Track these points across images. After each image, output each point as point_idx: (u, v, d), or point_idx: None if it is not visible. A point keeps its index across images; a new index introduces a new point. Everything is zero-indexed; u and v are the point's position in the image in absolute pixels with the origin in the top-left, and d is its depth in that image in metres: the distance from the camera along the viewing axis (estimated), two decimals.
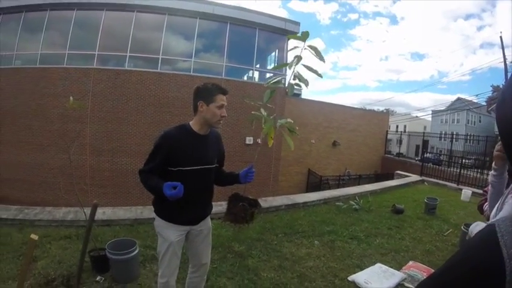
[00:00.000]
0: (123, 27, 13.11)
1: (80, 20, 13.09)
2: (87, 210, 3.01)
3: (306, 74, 1.84)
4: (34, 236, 2.57)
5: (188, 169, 2.15)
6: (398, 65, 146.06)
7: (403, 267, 3.79)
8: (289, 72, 1.89)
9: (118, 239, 3.38)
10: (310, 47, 1.74)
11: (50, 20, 13.12)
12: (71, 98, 3.63)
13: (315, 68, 1.82)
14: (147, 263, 3.49)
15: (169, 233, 2.23)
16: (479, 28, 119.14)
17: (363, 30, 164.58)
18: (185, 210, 2.21)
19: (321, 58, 1.74)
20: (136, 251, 3.05)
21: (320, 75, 1.85)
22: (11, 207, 4.90)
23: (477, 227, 1.59)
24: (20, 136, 12.56)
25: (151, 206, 2.34)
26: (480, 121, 37.66)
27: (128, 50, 12.88)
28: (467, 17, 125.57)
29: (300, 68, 1.83)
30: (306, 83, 1.85)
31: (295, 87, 1.90)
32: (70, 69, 12.51)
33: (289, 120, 2.07)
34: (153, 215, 2.32)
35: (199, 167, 2.19)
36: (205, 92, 2.16)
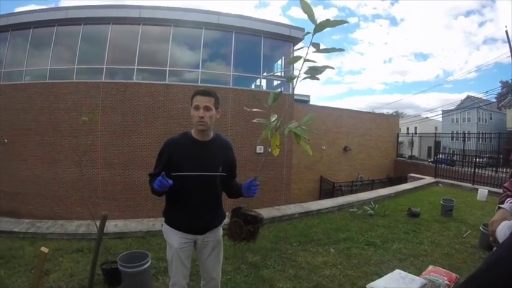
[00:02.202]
0: (130, 41, 13.26)
1: (88, 35, 13.30)
2: (99, 223, 2.97)
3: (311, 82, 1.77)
4: (44, 249, 2.54)
5: (187, 174, 2.14)
6: (403, 66, 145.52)
7: (423, 273, 3.64)
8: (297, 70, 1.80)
9: (130, 251, 3.34)
10: (314, 44, 1.66)
11: (58, 36, 13.35)
12: (84, 118, 3.69)
13: (324, 66, 1.75)
14: (159, 276, 3.42)
15: (173, 239, 2.24)
16: (481, 24, 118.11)
17: (363, 34, 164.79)
18: (187, 217, 2.21)
19: (330, 50, 1.69)
20: (148, 264, 3.01)
21: (341, 49, 1.75)
22: (23, 220, 4.91)
23: (505, 226, 1.50)
24: (31, 150, 12.74)
25: (163, 218, 2.33)
26: (491, 118, 37.17)
27: (136, 62, 13.01)
28: (468, 13, 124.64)
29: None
30: (320, 72, 1.77)
31: (301, 92, 1.80)
32: (79, 84, 12.68)
33: (297, 124, 1.87)
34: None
35: (198, 173, 2.15)
36: (191, 98, 2.18)
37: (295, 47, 12.66)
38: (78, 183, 9.00)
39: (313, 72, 1.76)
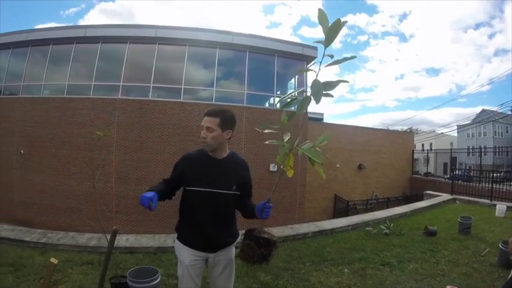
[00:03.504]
0: (146, 59, 13.59)
1: (105, 53, 13.74)
2: (110, 238, 2.98)
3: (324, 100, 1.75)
4: (54, 260, 2.55)
5: (198, 190, 2.16)
6: (415, 82, 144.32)
7: None
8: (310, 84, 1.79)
9: (140, 266, 3.32)
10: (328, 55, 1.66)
11: (77, 53, 13.84)
12: (98, 132, 3.77)
13: (338, 80, 1.74)
14: None
15: (184, 256, 2.22)
16: (491, 36, 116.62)
17: (374, 51, 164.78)
18: (198, 234, 2.20)
19: (342, 60, 1.70)
20: (158, 280, 2.97)
21: (353, 56, 1.77)
22: (35, 230, 4.97)
23: None
24: (47, 162, 13.04)
25: (175, 234, 2.33)
26: (507, 131, 36.64)
27: (152, 80, 13.29)
28: (477, 26, 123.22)
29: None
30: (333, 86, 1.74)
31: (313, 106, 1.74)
32: (96, 100, 13.02)
33: (311, 145, 1.86)
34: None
35: (209, 190, 2.15)
36: None
37: (308, 66, 12.76)
38: (91, 197, 9.10)
39: (328, 88, 1.74)
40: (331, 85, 1.74)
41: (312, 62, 14.50)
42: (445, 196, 10.64)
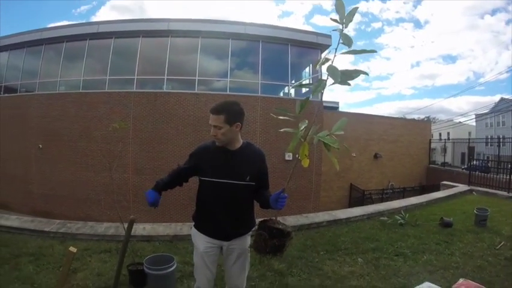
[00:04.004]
0: (159, 52, 13.71)
1: (119, 48, 13.95)
2: (127, 227, 3.05)
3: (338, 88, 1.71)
4: (73, 249, 2.62)
5: (211, 180, 2.21)
6: (431, 69, 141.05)
7: (453, 286, 3.49)
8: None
9: (156, 254, 3.39)
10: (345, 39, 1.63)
11: (90, 49, 14.11)
12: (114, 125, 3.84)
13: (356, 70, 1.68)
14: (184, 279, 3.44)
15: (199, 242, 2.29)
16: (508, 22, 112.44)
17: (388, 38, 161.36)
18: (212, 222, 2.26)
19: (360, 51, 1.68)
20: (174, 267, 3.04)
21: (373, 50, 1.75)
22: (54, 221, 5.08)
23: None
24: (65, 155, 13.40)
25: (191, 222, 2.40)
26: None
27: (165, 73, 13.41)
28: (494, 12, 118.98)
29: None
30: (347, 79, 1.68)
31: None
32: (111, 94, 13.25)
33: (327, 133, 1.82)
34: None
35: (222, 180, 2.18)
36: None
37: (323, 54, 12.60)
38: (109, 187, 9.31)
39: (344, 78, 1.66)
40: (349, 75, 1.67)
41: (327, 51, 14.34)
42: (462, 187, 10.42)
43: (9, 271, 3.47)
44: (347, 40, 1.62)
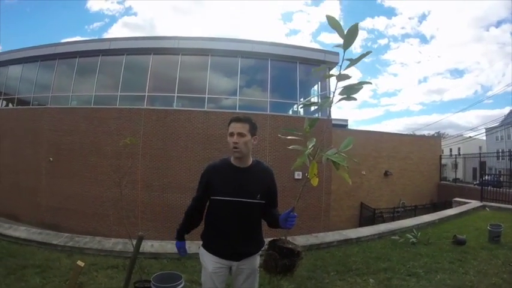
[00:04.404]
0: (170, 69, 13.96)
1: (130, 64, 14.23)
2: (135, 243, 3.04)
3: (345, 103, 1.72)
4: (80, 263, 2.62)
5: (222, 199, 2.18)
6: (439, 84, 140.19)
7: None
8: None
9: (164, 272, 3.34)
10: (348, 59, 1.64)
11: (102, 65, 14.41)
12: (125, 140, 3.89)
13: (359, 83, 1.71)
14: None
15: (208, 262, 2.24)
16: None
17: (395, 54, 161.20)
18: (222, 242, 2.22)
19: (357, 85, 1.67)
20: (181, 285, 2.98)
21: (369, 52, 1.74)
22: (62, 234, 5.11)
23: None
24: (75, 170, 13.51)
25: (199, 241, 2.35)
26: None
27: (176, 90, 13.59)
28: (499, 23, 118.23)
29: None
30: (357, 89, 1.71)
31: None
32: (122, 110, 13.46)
33: (335, 151, 1.81)
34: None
35: (233, 199, 2.16)
36: (228, 125, 2.22)
37: (331, 72, 12.64)
38: (118, 203, 9.36)
39: (349, 92, 1.70)
40: (353, 88, 1.71)
41: (335, 68, 14.41)
42: (475, 203, 10.28)
43: (15, 281, 3.48)
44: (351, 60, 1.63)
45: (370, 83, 1.81)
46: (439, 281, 4.16)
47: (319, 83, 15.53)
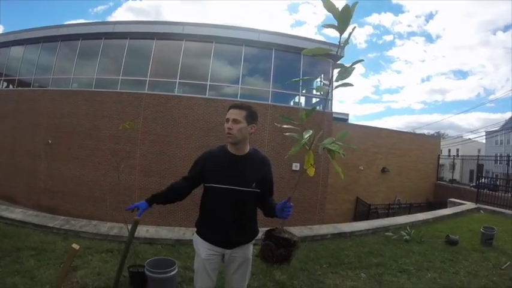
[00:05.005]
0: (172, 55, 13.86)
1: (133, 48, 14.13)
2: (131, 227, 3.05)
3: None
4: (75, 246, 2.62)
5: (216, 186, 2.19)
6: (442, 84, 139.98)
7: None
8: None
9: (158, 257, 3.37)
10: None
11: (105, 48, 14.33)
12: (125, 124, 3.88)
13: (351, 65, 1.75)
14: (184, 284, 3.41)
15: (201, 249, 2.24)
16: None
17: (399, 51, 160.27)
18: (215, 230, 2.22)
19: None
20: (175, 271, 3.02)
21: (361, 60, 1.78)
22: (58, 217, 5.13)
23: None
24: (73, 152, 13.55)
25: (194, 228, 2.36)
26: None
27: (178, 76, 13.52)
28: (506, 28, 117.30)
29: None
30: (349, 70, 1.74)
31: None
32: (123, 94, 13.40)
33: (332, 140, 1.80)
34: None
35: (227, 187, 2.16)
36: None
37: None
38: (115, 187, 9.36)
39: (343, 76, 1.75)
40: (347, 71, 1.75)
41: (339, 61, 14.29)
42: (469, 205, 10.32)
43: (10, 264, 3.49)
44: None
45: (362, 60, 1.88)
46: (429, 279, 4.19)
47: (322, 75, 15.46)
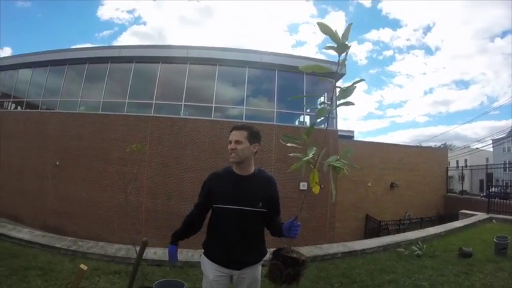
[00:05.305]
0: (178, 78, 14.12)
1: (138, 72, 14.42)
2: (139, 249, 3.04)
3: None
4: (83, 266, 2.63)
5: (222, 207, 2.19)
6: (445, 95, 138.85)
7: None
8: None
9: (166, 279, 3.34)
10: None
11: (111, 72, 14.65)
12: (132, 146, 3.93)
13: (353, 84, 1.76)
14: None
15: (209, 271, 2.22)
16: None
17: (400, 66, 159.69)
18: (223, 251, 2.21)
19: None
20: None
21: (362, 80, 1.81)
22: (65, 238, 5.16)
23: None
24: (81, 174, 13.63)
25: (202, 250, 2.35)
26: None
27: (183, 99, 13.67)
28: (504, 34, 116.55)
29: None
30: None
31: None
32: (130, 117, 13.61)
33: (336, 158, 1.81)
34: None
35: (233, 207, 2.16)
36: None
37: (338, 83, 12.75)
38: (122, 209, 9.38)
39: (345, 95, 1.75)
40: (348, 90, 1.76)
41: (341, 80, 14.44)
42: (481, 215, 10.17)
43: (16, 282, 3.49)
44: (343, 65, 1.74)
45: (363, 80, 1.93)
46: None
47: (325, 93, 15.54)
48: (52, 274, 3.82)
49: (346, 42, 1.65)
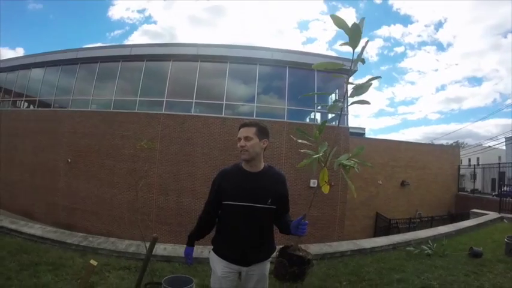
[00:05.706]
0: (188, 76, 14.12)
1: (149, 70, 14.50)
2: (149, 244, 3.08)
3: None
4: (93, 262, 2.67)
5: (232, 204, 2.20)
6: (457, 92, 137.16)
7: None
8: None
9: (175, 275, 3.36)
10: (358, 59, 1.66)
11: (123, 70, 14.78)
12: (142, 143, 3.96)
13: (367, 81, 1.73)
14: None
15: (217, 267, 2.25)
16: None
17: (412, 62, 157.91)
18: (232, 247, 2.23)
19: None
20: None
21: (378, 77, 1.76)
22: (77, 233, 5.26)
23: None
24: (92, 171, 13.81)
25: (211, 246, 2.38)
26: None
27: (194, 96, 13.71)
28: None
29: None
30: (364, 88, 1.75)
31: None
32: (141, 114, 13.70)
33: (347, 156, 1.80)
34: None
35: (243, 204, 2.17)
36: None
37: (350, 79, 12.61)
38: (133, 206, 9.47)
39: (359, 92, 1.74)
40: (363, 87, 1.74)
41: (352, 76, 14.27)
42: (492, 214, 10.04)
43: (27, 277, 3.55)
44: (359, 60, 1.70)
45: (380, 77, 1.88)
46: None
47: (337, 90, 15.46)
48: (63, 269, 3.88)
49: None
